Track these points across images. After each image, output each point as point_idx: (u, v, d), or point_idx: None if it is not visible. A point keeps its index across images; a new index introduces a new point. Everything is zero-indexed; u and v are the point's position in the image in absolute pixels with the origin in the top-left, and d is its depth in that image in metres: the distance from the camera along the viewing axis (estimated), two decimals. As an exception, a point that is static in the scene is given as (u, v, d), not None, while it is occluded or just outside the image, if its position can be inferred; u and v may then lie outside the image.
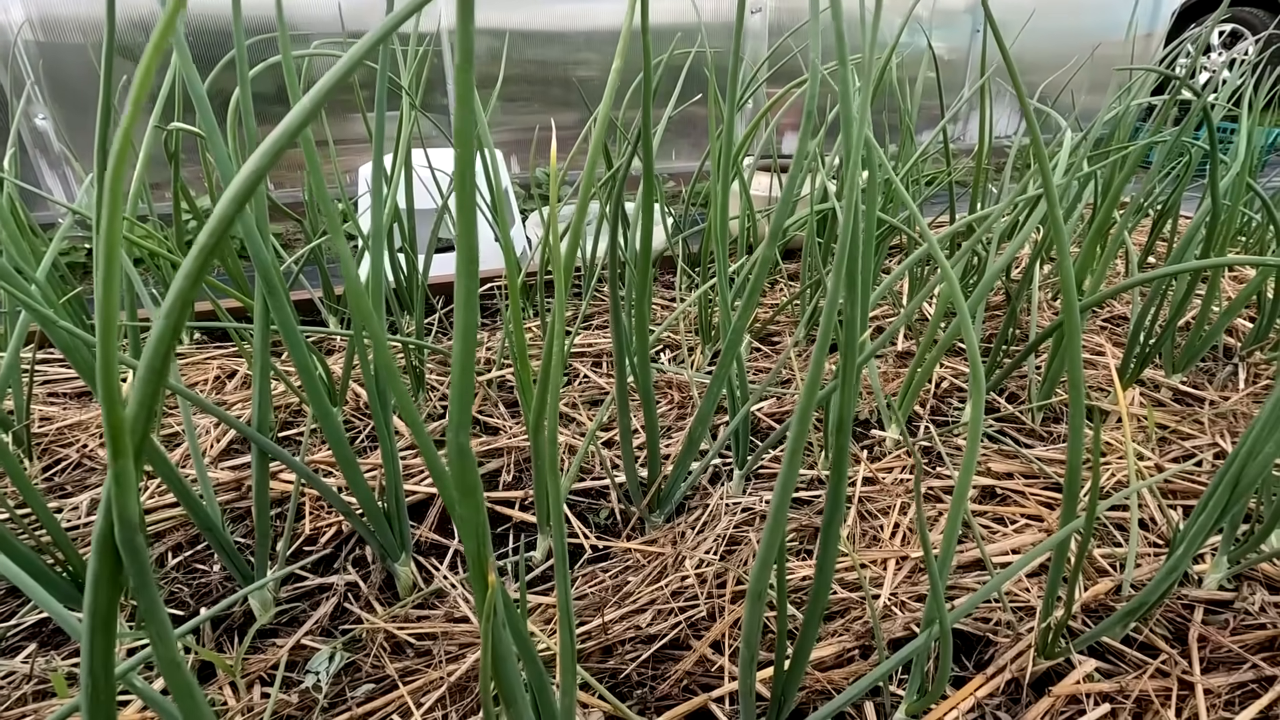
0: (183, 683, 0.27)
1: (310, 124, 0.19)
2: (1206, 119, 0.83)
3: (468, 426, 0.26)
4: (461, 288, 0.23)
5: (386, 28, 0.19)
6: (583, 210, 0.40)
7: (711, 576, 0.69)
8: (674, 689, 0.60)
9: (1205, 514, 0.57)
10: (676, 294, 1.38)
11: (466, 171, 0.22)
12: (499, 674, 0.34)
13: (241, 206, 0.19)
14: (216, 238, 0.19)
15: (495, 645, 0.32)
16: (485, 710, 0.34)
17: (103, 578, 0.22)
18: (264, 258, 0.49)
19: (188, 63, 0.46)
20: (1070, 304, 0.49)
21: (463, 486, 0.27)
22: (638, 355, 0.64)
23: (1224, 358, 1.15)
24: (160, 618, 0.25)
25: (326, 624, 0.66)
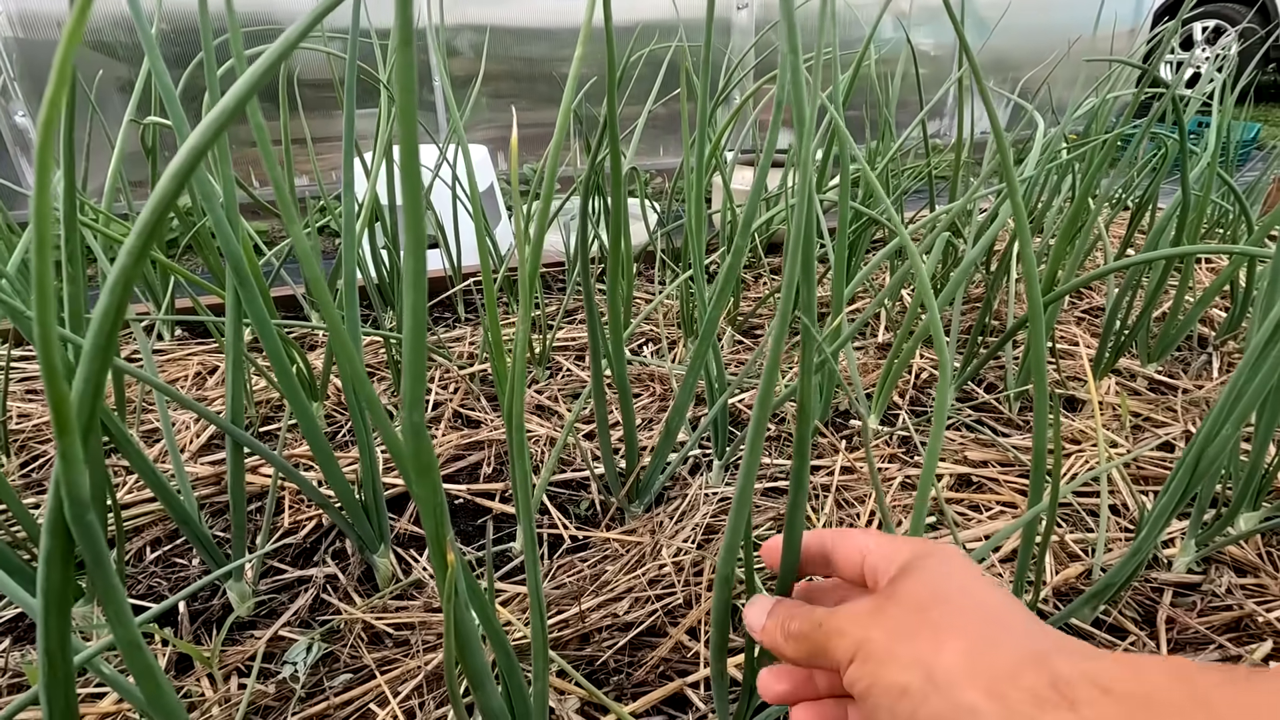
0: (143, 664, 0.27)
1: (246, 105, 0.19)
2: (1175, 109, 0.85)
3: (420, 405, 0.26)
4: (409, 269, 0.23)
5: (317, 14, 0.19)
6: (545, 210, 0.40)
7: (689, 565, 0.69)
8: (650, 675, 0.61)
9: (1167, 497, 0.58)
10: (665, 288, 1.39)
11: (410, 147, 0.22)
12: (464, 656, 0.35)
13: (182, 184, 0.20)
14: (158, 215, 0.20)
15: (458, 626, 0.33)
16: (451, 692, 0.35)
17: (55, 556, 0.22)
18: (234, 249, 0.49)
19: (155, 55, 0.46)
20: (1033, 291, 0.50)
21: (418, 466, 0.27)
22: (612, 348, 0.64)
23: (1199, 347, 1.16)
24: (118, 598, 0.25)
25: (305, 615, 0.66)
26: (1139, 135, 0.84)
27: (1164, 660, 0.25)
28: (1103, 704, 0.23)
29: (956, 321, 1.00)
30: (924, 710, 0.26)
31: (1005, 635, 0.27)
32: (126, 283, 0.20)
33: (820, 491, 0.81)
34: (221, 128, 0.20)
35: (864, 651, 0.29)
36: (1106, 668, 0.25)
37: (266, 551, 0.72)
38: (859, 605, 0.31)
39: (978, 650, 0.27)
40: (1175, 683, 0.23)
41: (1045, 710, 0.24)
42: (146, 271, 1.15)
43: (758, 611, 0.36)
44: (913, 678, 0.27)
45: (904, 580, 0.31)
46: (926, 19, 3.51)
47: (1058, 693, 0.24)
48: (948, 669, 0.26)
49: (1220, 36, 4.31)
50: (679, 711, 0.58)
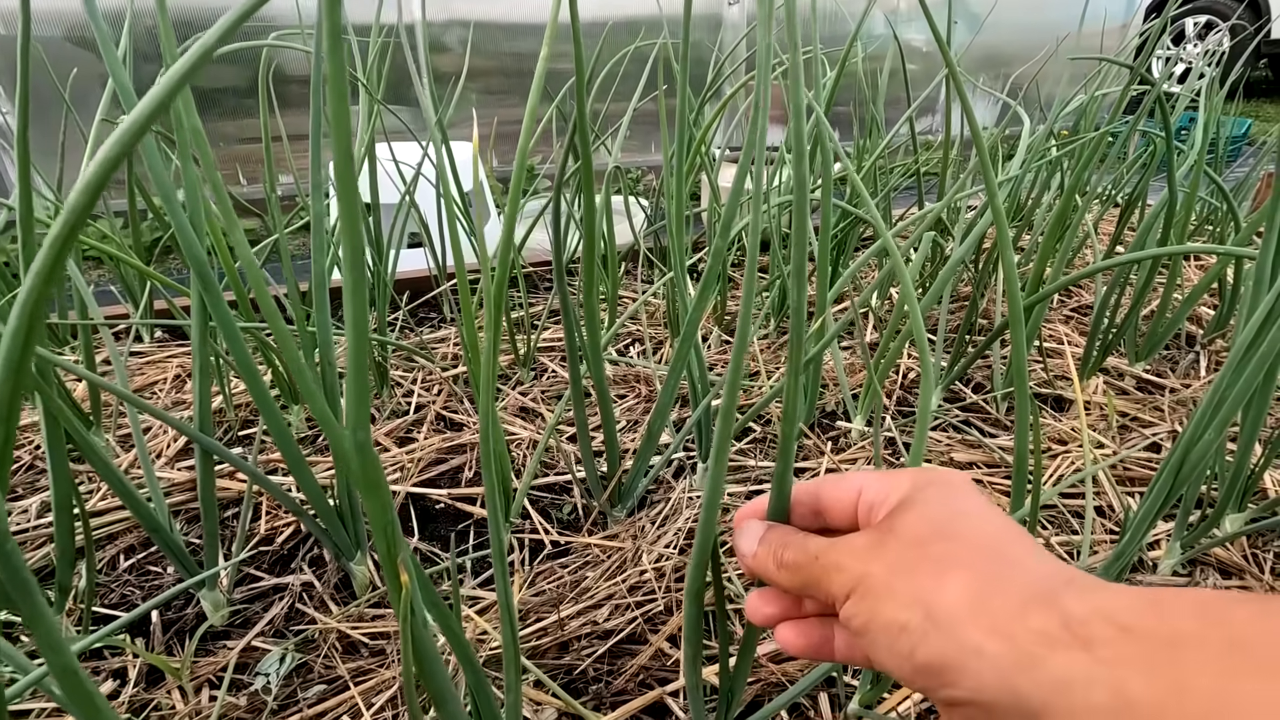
0: (80, 690, 0.26)
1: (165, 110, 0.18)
2: (1161, 107, 0.84)
3: (366, 423, 0.25)
4: (349, 279, 0.22)
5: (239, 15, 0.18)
6: (512, 210, 0.39)
7: (670, 570, 0.69)
8: (630, 684, 0.60)
9: (1151, 498, 0.58)
10: (652, 288, 1.38)
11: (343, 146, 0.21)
12: (425, 675, 0.34)
13: (95, 196, 0.18)
14: (69, 228, 0.19)
15: (417, 646, 0.32)
16: (412, 714, 0.34)
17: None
18: (197, 253, 0.48)
19: (109, 50, 0.45)
20: (1013, 291, 0.49)
21: (366, 483, 0.26)
22: (589, 350, 0.63)
23: (1186, 346, 1.16)
24: (47, 625, 0.24)
25: (281, 625, 0.65)
26: (1126, 132, 0.84)
27: (1189, 594, 0.23)
28: (1122, 644, 0.21)
29: (944, 321, 0.99)
30: (923, 649, 0.25)
31: (1011, 570, 0.26)
32: (37, 303, 0.19)
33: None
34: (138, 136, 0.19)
35: (862, 587, 0.28)
36: (1125, 603, 0.23)
37: (240, 560, 0.71)
38: (857, 539, 0.30)
39: (982, 587, 0.25)
40: (1204, 623, 0.21)
41: (1056, 651, 0.22)
42: (125, 274, 1.13)
43: (749, 538, 0.34)
44: (912, 615, 0.25)
45: (904, 512, 0.29)
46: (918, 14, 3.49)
47: (1070, 632, 0.22)
48: (949, 607, 0.25)
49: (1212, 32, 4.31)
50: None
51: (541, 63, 0.36)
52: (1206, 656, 0.20)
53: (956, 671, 0.24)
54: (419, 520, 0.79)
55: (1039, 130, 0.96)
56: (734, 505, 0.79)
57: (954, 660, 0.24)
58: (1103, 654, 0.21)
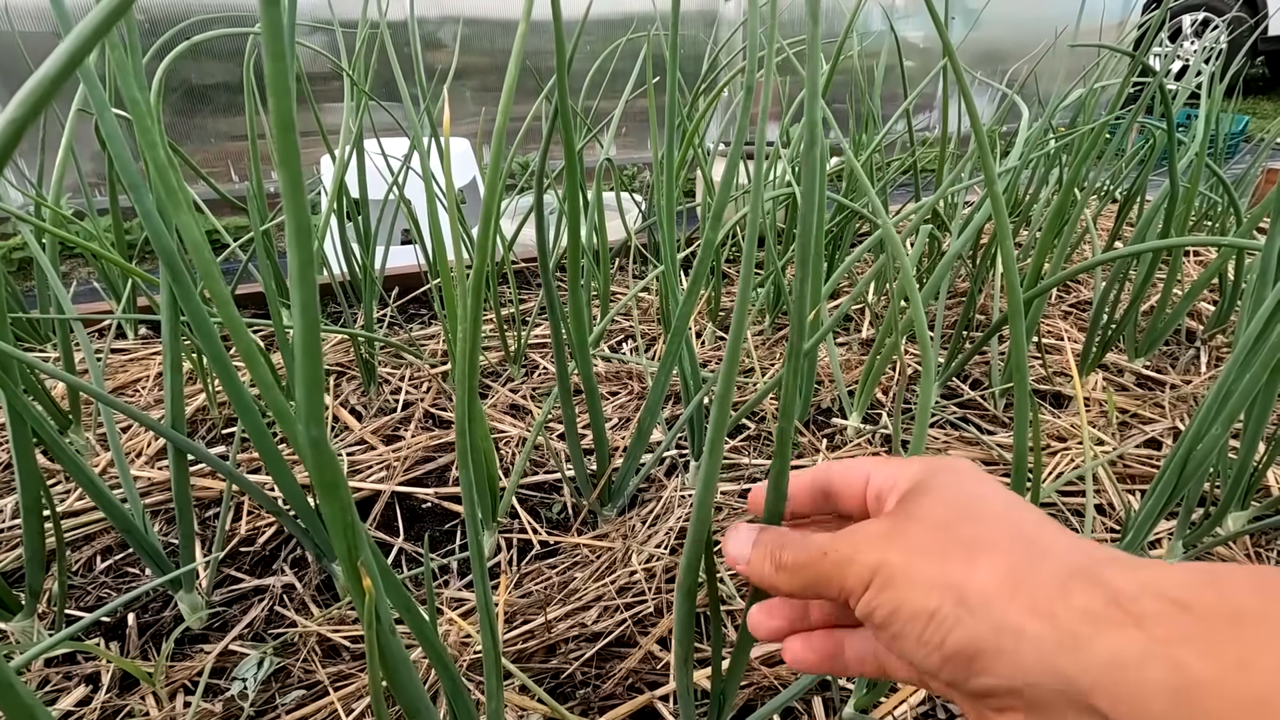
0: (18, 704, 0.25)
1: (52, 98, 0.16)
2: (1163, 97, 0.82)
3: (320, 418, 0.23)
4: (295, 263, 0.21)
5: None
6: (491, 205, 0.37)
7: (661, 571, 0.67)
8: (618, 688, 0.58)
9: (1154, 497, 0.56)
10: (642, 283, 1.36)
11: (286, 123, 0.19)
12: (395, 685, 0.32)
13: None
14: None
15: (384, 655, 0.30)
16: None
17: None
18: (166, 244, 0.46)
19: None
20: (1013, 285, 0.47)
21: (322, 483, 0.24)
22: (576, 346, 0.61)
23: (1186, 341, 1.15)
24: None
25: (260, 628, 0.64)
26: (1125, 124, 0.82)
27: (1245, 570, 0.21)
28: (1179, 621, 0.20)
29: (941, 316, 0.98)
30: (956, 635, 0.23)
31: (1045, 550, 0.24)
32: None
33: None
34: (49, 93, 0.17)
35: (881, 577, 0.26)
36: (1177, 579, 0.21)
37: (221, 560, 0.69)
38: (870, 527, 0.28)
39: (1016, 567, 0.24)
40: (1266, 599, 0.20)
41: (1104, 629, 0.21)
42: (108, 271, 1.11)
43: (740, 542, 0.32)
44: (943, 601, 0.24)
45: (919, 498, 0.28)
46: (916, 10, 3.48)
47: (1120, 609, 0.21)
48: (983, 589, 0.23)
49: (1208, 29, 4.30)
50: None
51: (519, 39, 0.34)
52: (1270, 633, 0.19)
53: (992, 656, 0.23)
54: (405, 520, 0.77)
55: (1038, 122, 0.95)
56: (727, 504, 0.77)
57: (990, 644, 0.23)
58: (1158, 631, 0.20)
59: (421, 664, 0.58)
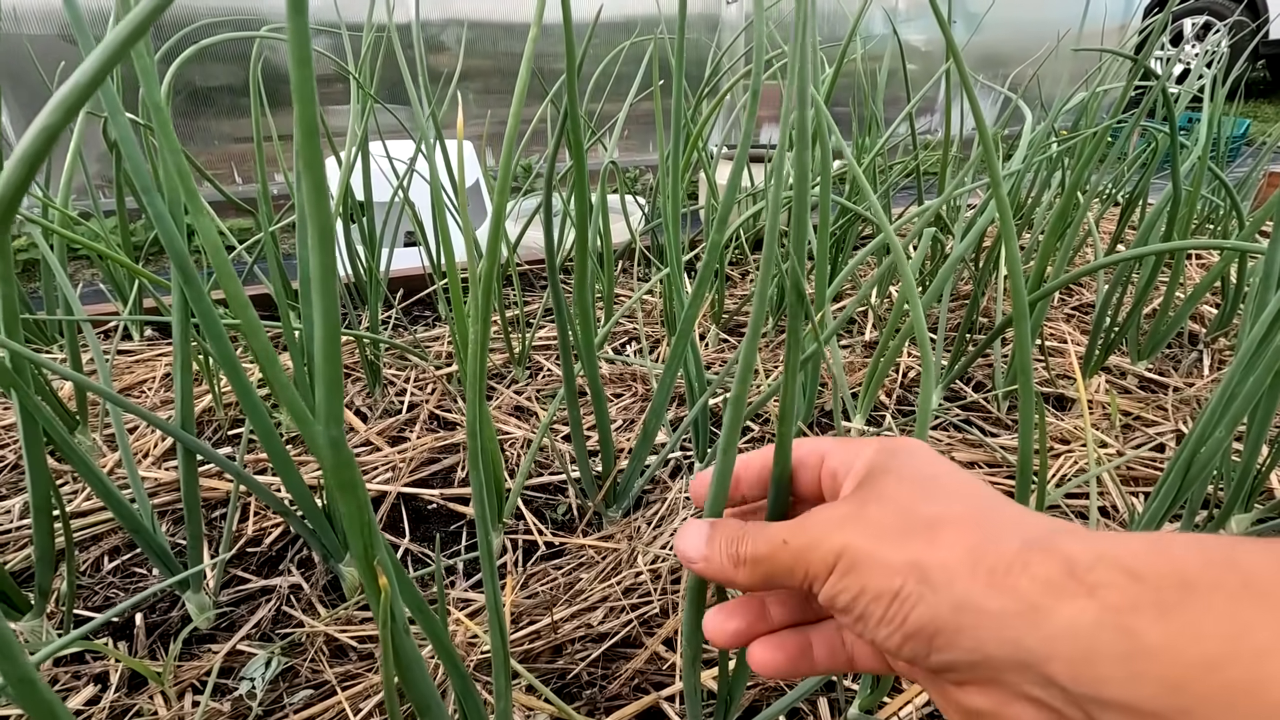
0: (38, 700, 0.25)
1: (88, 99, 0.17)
2: (1166, 101, 0.83)
3: (339, 418, 0.24)
4: (317, 264, 0.21)
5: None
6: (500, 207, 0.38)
7: (666, 572, 0.67)
8: (624, 688, 0.58)
9: (1159, 499, 0.56)
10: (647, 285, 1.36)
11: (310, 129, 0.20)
12: (407, 682, 0.32)
13: (34, 170, 0.17)
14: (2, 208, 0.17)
15: (398, 652, 0.30)
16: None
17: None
18: (178, 245, 0.47)
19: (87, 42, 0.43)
20: (1017, 286, 0.48)
21: (340, 482, 0.25)
22: (583, 348, 0.62)
23: (1189, 344, 1.15)
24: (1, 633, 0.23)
25: (267, 628, 0.64)
26: (1128, 128, 0.83)
27: (1192, 538, 0.22)
28: (1130, 590, 0.21)
29: (944, 319, 0.98)
30: (919, 612, 0.24)
31: (1005, 525, 0.25)
32: None
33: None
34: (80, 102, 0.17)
35: (845, 561, 0.26)
36: (1131, 548, 0.22)
37: (227, 561, 0.70)
38: (829, 511, 0.28)
39: (977, 542, 0.24)
40: (1213, 566, 0.20)
41: (1062, 599, 0.21)
42: (114, 272, 1.12)
43: (693, 539, 0.31)
44: (905, 580, 0.24)
45: (878, 478, 0.28)
46: (918, 14, 3.49)
47: (1075, 580, 0.21)
48: (945, 565, 0.24)
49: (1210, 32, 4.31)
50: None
51: (530, 43, 0.35)
52: (1219, 599, 0.20)
53: (953, 632, 0.23)
54: (410, 521, 0.77)
55: (1041, 126, 0.95)
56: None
57: (950, 621, 0.23)
58: (1110, 599, 0.21)
59: (429, 663, 0.59)
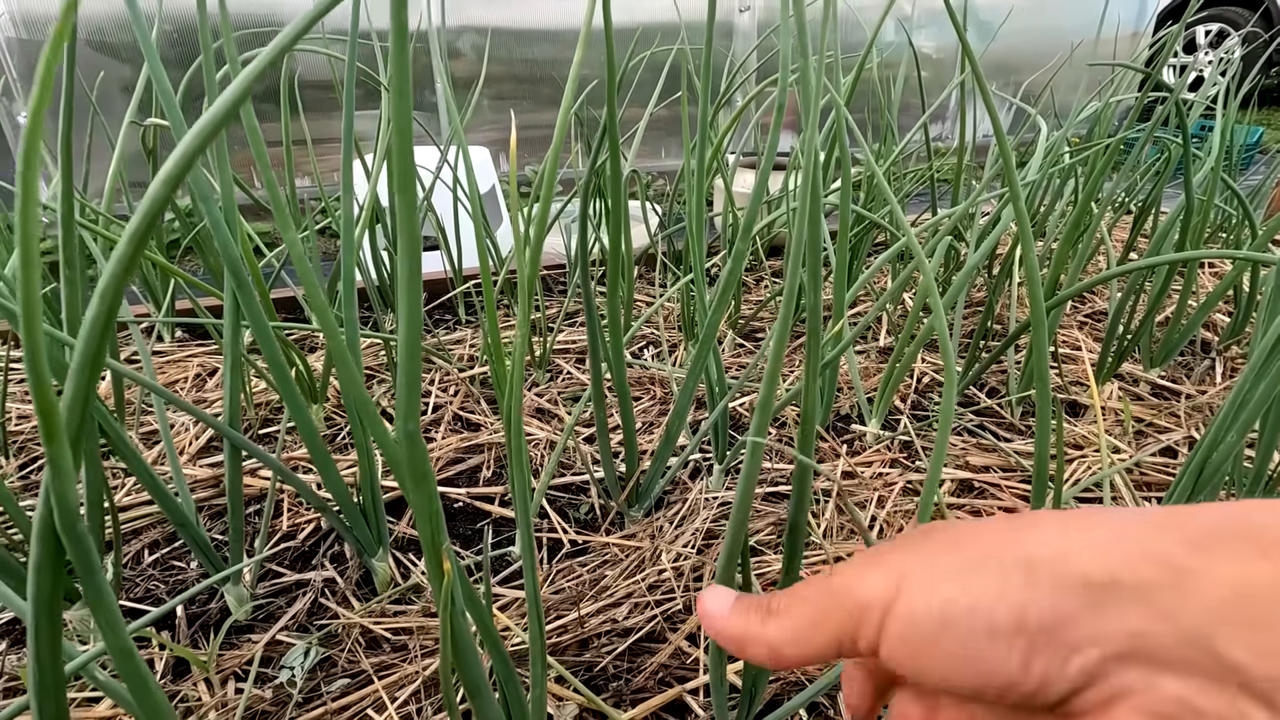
0: (134, 671, 0.27)
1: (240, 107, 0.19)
2: (1179, 113, 0.84)
3: (416, 413, 0.26)
4: (403, 273, 0.23)
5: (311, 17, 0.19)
6: (544, 213, 0.40)
7: (689, 570, 0.69)
8: (649, 681, 0.60)
9: (1171, 504, 0.58)
10: (665, 291, 1.38)
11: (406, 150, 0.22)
12: (461, 664, 0.34)
13: (173, 188, 0.19)
14: (149, 220, 0.19)
15: (455, 636, 0.32)
16: (447, 701, 0.34)
17: (44, 564, 0.22)
18: (232, 252, 0.49)
19: (153, 57, 0.46)
20: (1035, 295, 0.49)
21: (414, 474, 0.27)
22: (612, 352, 0.64)
23: (1201, 352, 1.16)
24: (108, 606, 0.25)
25: (303, 619, 0.66)
26: (1142, 140, 0.84)
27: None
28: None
29: (958, 326, 1.00)
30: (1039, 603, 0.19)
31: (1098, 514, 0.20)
32: (117, 290, 0.20)
33: (821, 497, 0.81)
34: (215, 131, 0.19)
35: (912, 582, 0.21)
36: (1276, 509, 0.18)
37: (266, 556, 0.72)
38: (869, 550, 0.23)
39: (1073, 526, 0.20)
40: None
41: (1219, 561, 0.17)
42: (146, 273, 1.15)
43: (717, 597, 0.26)
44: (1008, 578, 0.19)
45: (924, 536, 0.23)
46: (928, 21, 3.51)
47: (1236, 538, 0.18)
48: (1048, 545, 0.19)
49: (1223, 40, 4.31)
50: (678, 718, 0.58)
51: (575, 65, 0.37)
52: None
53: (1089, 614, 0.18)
54: (438, 519, 0.79)
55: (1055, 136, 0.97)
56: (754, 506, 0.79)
57: (1076, 603, 0.18)
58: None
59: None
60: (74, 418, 0.20)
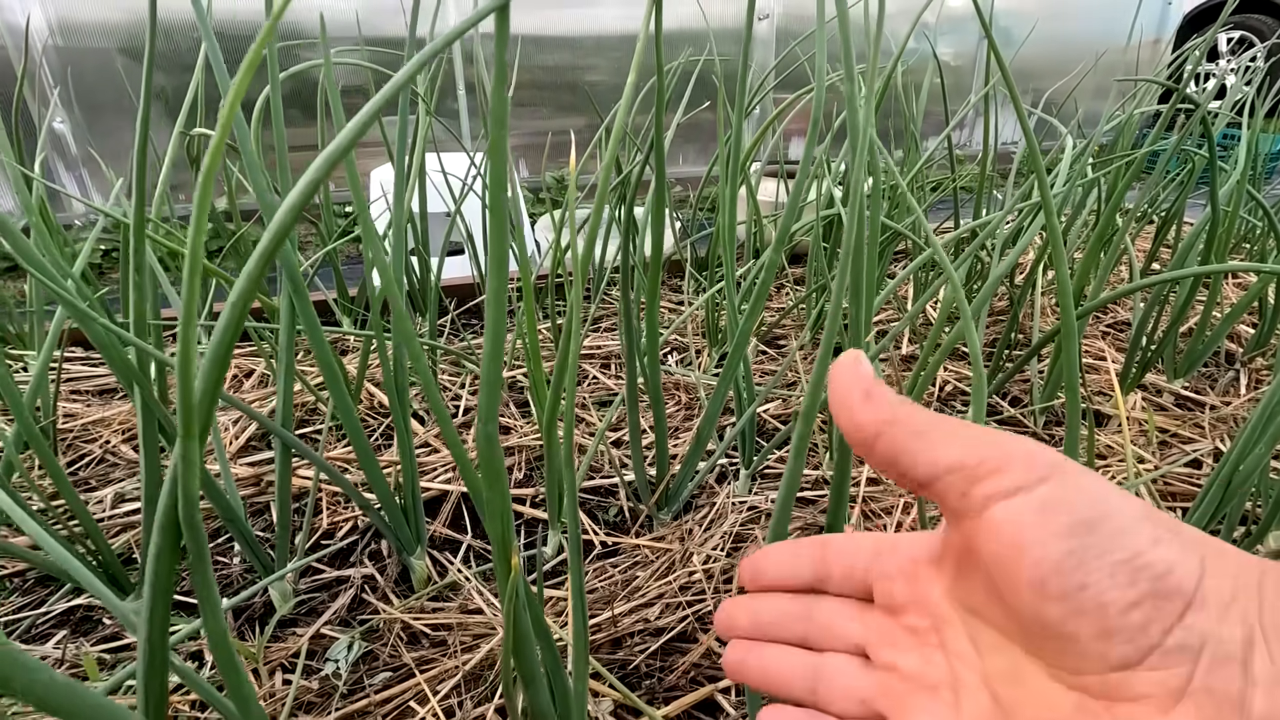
0: (227, 655, 0.29)
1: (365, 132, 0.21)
2: (1205, 128, 0.85)
3: (495, 417, 0.28)
4: (492, 286, 0.25)
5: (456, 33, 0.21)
6: (598, 214, 0.42)
7: (719, 572, 0.71)
8: (681, 680, 0.62)
9: (1198, 515, 0.59)
10: (684, 297, 1.40)
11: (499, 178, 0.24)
12: (519, 655, 0.36)
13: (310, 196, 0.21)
14: (277, 242, 0.21)
15: (517, 626, 0.34)
16: (505, 689, 0.36)
17: (165, 551, 0.24)
18: (292, 261, 0.51)
19: (221, 72, 0.48)
20: (1066, 307, 0.51)
21: (490, 473, 0.29)
22: (648, 357, 0.66)
23: (1225, 363, 1.16)
24: (213, 593, 0.27)
25: (344, 614, 0.68)
26: (1168, 152, 0.85)
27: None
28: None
29: (980, 335, 1.01)
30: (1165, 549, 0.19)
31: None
32: (246, 301, 0.22)
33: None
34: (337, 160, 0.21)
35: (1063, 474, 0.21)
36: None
37: (312, 554, 0.74)
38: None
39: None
40: None
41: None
42: (186, 276, 1.18)
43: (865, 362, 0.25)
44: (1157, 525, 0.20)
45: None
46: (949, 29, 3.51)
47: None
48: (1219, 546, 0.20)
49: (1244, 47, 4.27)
50: (709, 716, 0.59)
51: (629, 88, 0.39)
52: None
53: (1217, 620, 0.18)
54: (470, 519, 0.81)
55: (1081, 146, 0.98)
56: (777, 511, 0.81)
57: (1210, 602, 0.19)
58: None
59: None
60: (203, 415, 0.22)
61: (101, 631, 0.67)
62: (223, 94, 0.49)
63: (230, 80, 0.47)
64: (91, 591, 0.37)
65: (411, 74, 0.20)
